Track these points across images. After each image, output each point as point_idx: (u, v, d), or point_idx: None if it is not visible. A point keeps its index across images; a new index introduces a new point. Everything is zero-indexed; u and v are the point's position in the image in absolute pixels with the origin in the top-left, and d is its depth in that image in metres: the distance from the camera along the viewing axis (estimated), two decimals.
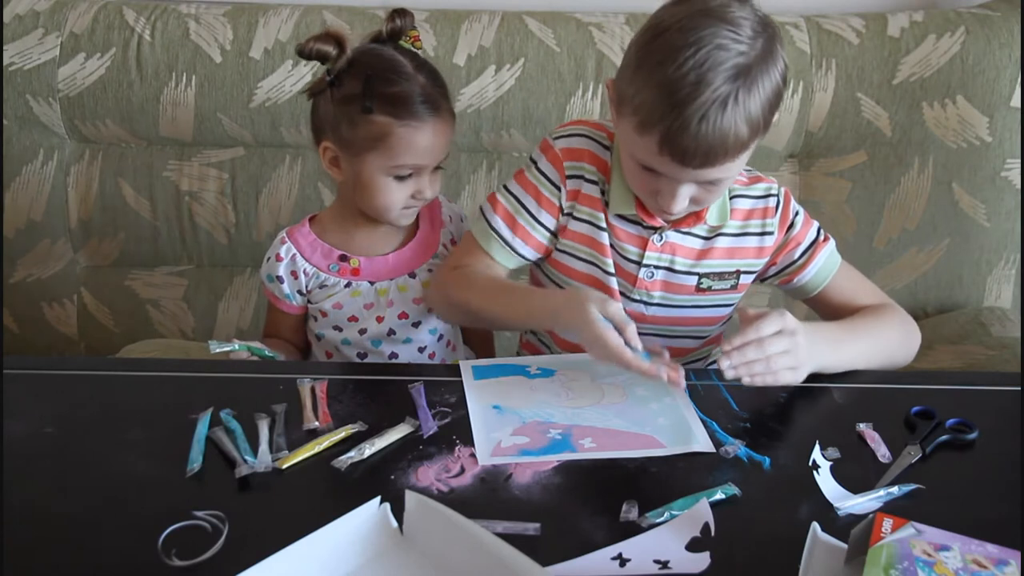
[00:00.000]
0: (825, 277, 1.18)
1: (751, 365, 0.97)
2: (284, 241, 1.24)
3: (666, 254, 1.16)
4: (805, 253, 1.18)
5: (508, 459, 0.92)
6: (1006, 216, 1.64)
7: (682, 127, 0.95)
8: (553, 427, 0.97)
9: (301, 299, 1.25)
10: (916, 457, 0.93)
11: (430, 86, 1.14)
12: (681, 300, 1.18)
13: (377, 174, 1.15)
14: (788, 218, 1.17)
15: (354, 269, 1.23)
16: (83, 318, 1.73)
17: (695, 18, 0.96)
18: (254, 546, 0.74)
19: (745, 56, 0.95)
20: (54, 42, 1.61)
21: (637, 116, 0.99)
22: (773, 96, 0.99)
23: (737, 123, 0.96)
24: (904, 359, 1.15)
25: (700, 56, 0.93)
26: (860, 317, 1.14)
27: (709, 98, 0.94)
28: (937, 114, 1.61)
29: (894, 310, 1.17)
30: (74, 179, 1.68)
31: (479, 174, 1.66)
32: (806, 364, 1.00)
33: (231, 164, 1.67)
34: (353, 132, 1.14)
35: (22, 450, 0.93)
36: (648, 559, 0.78)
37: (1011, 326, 1.56)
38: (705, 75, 0.93)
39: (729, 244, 1.16)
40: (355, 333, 1.25)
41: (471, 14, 1.64)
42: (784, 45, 1.01)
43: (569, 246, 1.18)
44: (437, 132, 1.15)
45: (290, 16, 1.63)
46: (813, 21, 1.65)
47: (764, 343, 0.97)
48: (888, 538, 0.73)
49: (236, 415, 0.97)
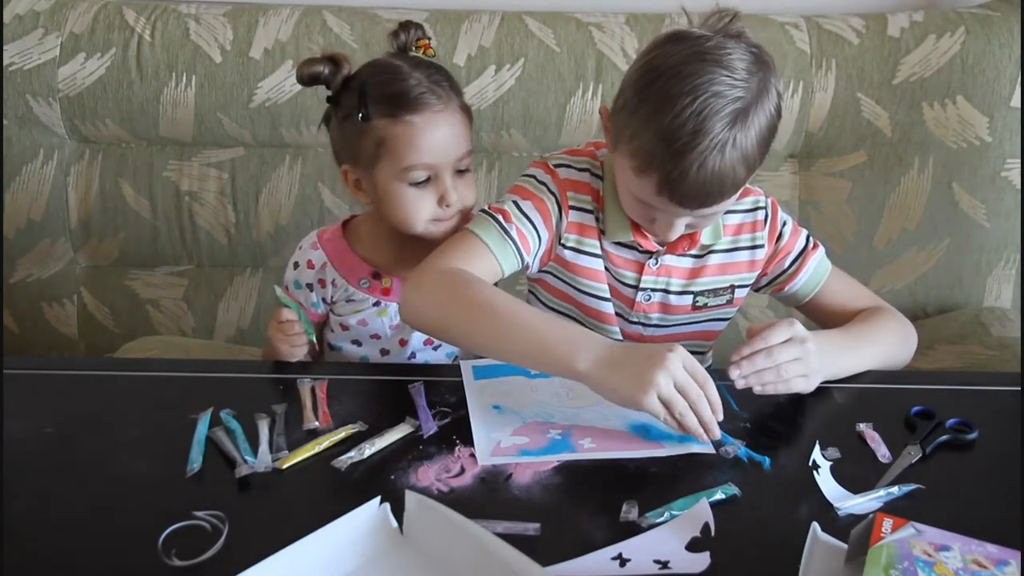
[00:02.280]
0: (816, 284, 1.18)
1: (761, 374, 0.97)
2: (316, 247, 1.19)
3: (662, 276, 1.16)
4: (795, 262, 1.18)
5: (508, 459, 0.92)
6: (1006, 216, 1.64)
7: (681, 175, 0.96)
8: (553, 427, 0.97)
9: (324, 308, 1.22)
10: (916, 457, 0.93)
11: (428, 80, 1.10)
12: (678, 319, 1.19)
13: (392, 184, 1.10)
14: (776, 229, 1.17)
15: (385, 288, 1.19)
16: (83, 318, 1.73)
17: (691, 63, 0.95)
18: (254, 546, 0.74)
19: (742, 100, 0.95)
20: (54, 42, 1.61)
21: (635, 160, 0.99)
22: (767, 131, 0.99)
23: (735, 166, 0.97)
24: (903, 360, 1.15)
25: (697, 105, 0.93)
26: (861, 322, 1.14)
27: (708, 146, 0.94)
28: (937, 114, 1.61)
29: (891, 313, 1.17)
30: (74, 179, 1.68)
31: (479, 174, 1.66)
32: (818, 372, 1.01)
33: (231, 164, 1.67)
34: (359, 145, 1.11)
35: (22, 450, 0.93)
36: (648, 559, 0.78)
37: (1011, 326, 1.56)
38: (703, 124, 0.94)
39: (721, 260, 1.17)
40: (376, 352, 1.22)
41: (471, 14, 1.64)
42: (778, 76, 1.01)
43: (566, 275, 1.17)
44: (441, 125, 1.09)
45: (290, 16, 1.63)
46: (813, 21, 1.65)
47: (774, 351, 0.97)
48: (888, 538, 0.73)
49: (236, 415, 0.97)
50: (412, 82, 1.09)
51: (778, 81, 1.00)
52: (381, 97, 1.09)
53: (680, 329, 1.20)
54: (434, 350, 1.23)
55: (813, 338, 1.00)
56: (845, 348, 1.07)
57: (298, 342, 1.10)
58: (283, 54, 1.60)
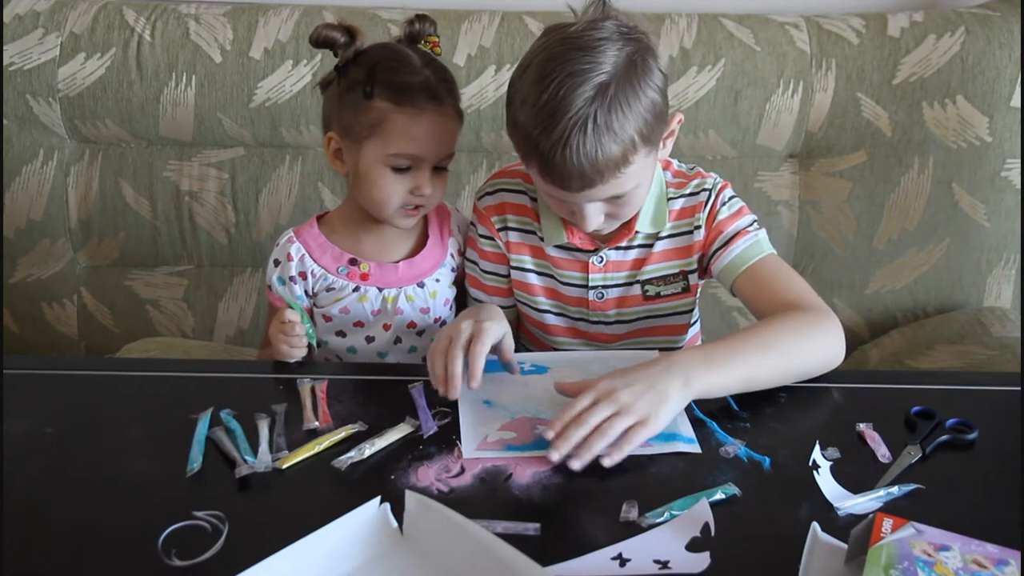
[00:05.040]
0: (742, 264, 1.13)
1: (588, 444, 0.89)
2: (293, 241, 1.22)
3: (610, 272, 1.19)
4: (728, 242, 1.15)
5: (493, 453, 0.92)
6: (1006, 216, 1.64)
7: (551, 156, 0.98)
8: (541, 423, 0.97)
9: (308, 301, 1.24)
10: (916, 457, 0.92)
11: (435, 80, 1.14)
12: (635, 313, 1.21)
13: (375, 164, 1.14)
14: (715, 210, 1.17)
15: (363, 274, 1.22)
16: (83, 318, 1.73)
17: (551, 49, 0.99)
18: (254, 546, 0.74)
19: (604, 75, 0.97)
20: (54, 42, 1.61)
21: (520, 151, 1.04)
22: (645, 109, 0.99)
23: (603, 143, 0.97)
24: (821, 365, 1.04)
25: (554, 86, 0.97)
26: (752, 328, 1.06)
27: (567, 125, 0.96)
28: (937, 114, 1.61)
29: (802, 312, 1.05)
30: (74, 179, 1.68)
31: (479, 174, 1.66)
32: (659, 407, 0.91)
33: (231, 164, 1.67)
34: (354, 119, 1.14)
35: (22, 450, 0.93)
36: (648, 559, 0.78)
37: (1011, 326, 1.56)
38: (561, 104, 0.96)
39: (666, 247, 1.18)
40: (361, 340, 1.24)
41: (471, 14, 1.64)
42: (656, 55, 1.03)
43: (524, 297, 1.24)
44: (436, 124, 1.13)
45: (290, 16, 1.63)
46: (813, 21, 1.65)
47: (583, 418, 0.90)
48: (888, 538, 0.73)
49: (236, 415, 0.97)
50: (421, 77, 1.13)
51: (656, 59, 1.02)
52: (389, 82, 1.12)
53: (640, 324, 1.22)
54: (419, 335, 1.25)
55: (630, 382, 0.92)
56: (717, 364, 0.97)
57: (299, 343, 1.11)
58: (283, 54, 1.61)
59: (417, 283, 1.23)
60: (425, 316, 1.24)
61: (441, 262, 1.26)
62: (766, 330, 1.03)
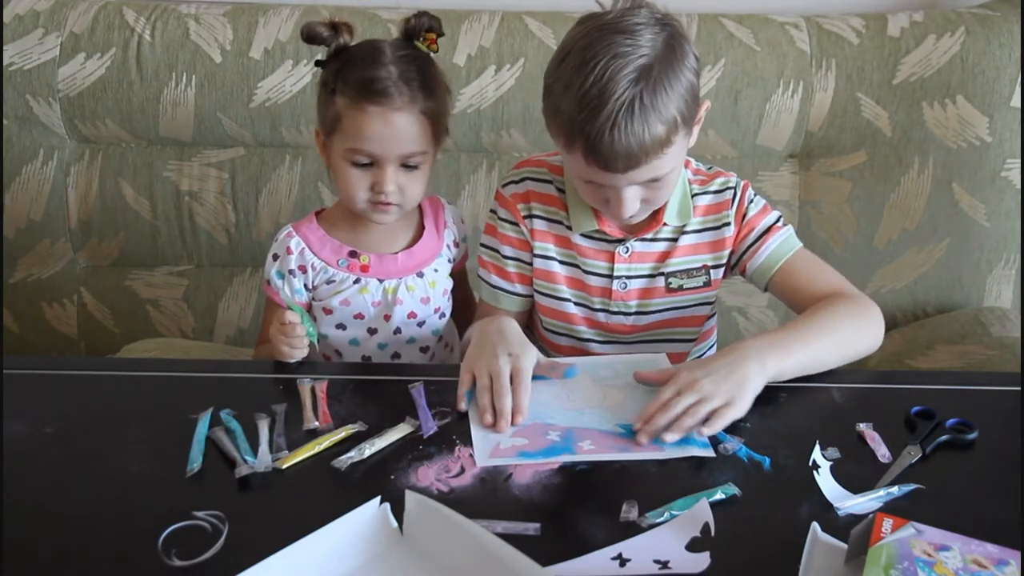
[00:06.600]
0: (777, 260, 1.17)
1: (678, 424, 0.94)
2: (292, 235, 1.23)
3: (635, 263, 1.20)
4: (759, 238, 1.18)
5: (507, 460, 0.92)
6: (1006, 216, 1.64)
7: (598, 137, 1.00)
8: (552, 429, 0.97)
9: (307, 295, 1.24)
10: (916, 457, 0.93)
11: (398, 78, 1.12)
12: (657, 304, 1.22)
13: (338, 159, 1.16)
14: (744, 207, 1.19)
15: (363, 265, 1.22)
16: (83, 318, 1.73)
17: (591, 35, 1.01)
18: (254, 546, 0.74)
19: (646, 58, 0.99)
20: (54, 42, 1.61)
21: (561, 137, 1.05)
22: (685, 90, 1.02)
23: (649, 123, 1.00)
24: (867, 348, 1.12)
25: (599, 69, 0.99)
26: (811, 314, 1.10)
27: (614, 106, 0.98)
28: (937, 114, 1.61)
29: (849, 299, 1.12)
30: (74, 179, 1.68)
31: (479, 174, 1.66)
32: (742, 389, 0.97)
33: (231, 164, 1.67)
34: (324, 113, 1.17)
35: (22, 450, 0.93)
36: (648, 559, 0.78)
37: (1011, 326, 1.56)
38: (607, 85, 0.98)
39: (692, 241, 1.20)
40: (363, 332, 1.24)
41: (471, 14, 1.64)
42: (689, 40, 1.06)
43: (544, 286, 1.24)
44: (392, 123, 1.12)
45: (290, 16, 1.63)
46: (813, 21, 1.65)
47: (669, 406, 0.96)
48: (888, 538, 0.73)
49: (236, 415, 0.97)
50: (383, 73, 1.12)
51: (690, 45, 1.05)
52: (351, 79, 1.13)
53: (660, 316, 1.22)
54: (419, 326, 1.25)
55: (710, 369, 0.98)
56: (788, 348, 1.03)
57: (299, 344, 1.11)
58: (283, 54, 1.60)
59: (416, 273, 1.24)
60: (425, 306, 1.24)
61: (438, 252, 1.27)
62: (825, 316, 1.08)
